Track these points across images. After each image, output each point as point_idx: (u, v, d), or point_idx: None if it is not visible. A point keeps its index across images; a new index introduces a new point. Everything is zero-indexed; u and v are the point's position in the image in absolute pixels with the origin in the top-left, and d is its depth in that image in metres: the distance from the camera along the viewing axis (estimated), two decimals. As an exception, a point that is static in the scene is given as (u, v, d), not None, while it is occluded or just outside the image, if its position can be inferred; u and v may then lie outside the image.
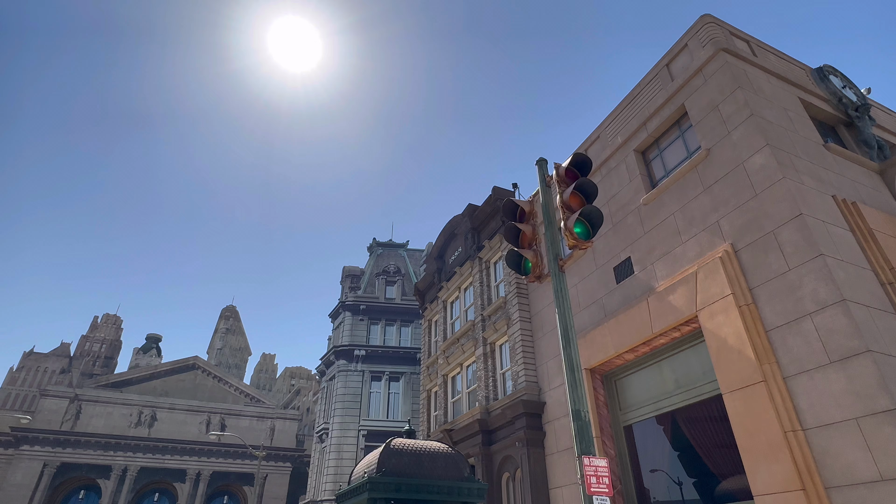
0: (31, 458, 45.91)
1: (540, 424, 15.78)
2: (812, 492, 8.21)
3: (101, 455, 48.20)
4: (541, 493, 14.71)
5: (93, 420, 49.44)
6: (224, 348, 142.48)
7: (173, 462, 50.36)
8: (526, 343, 17.29)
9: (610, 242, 14.74)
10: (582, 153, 6.90)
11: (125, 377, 56.10)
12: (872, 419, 7.83)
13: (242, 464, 51.98)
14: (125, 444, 49.12)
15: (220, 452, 51.91)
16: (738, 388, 9.67)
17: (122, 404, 51.29)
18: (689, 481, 11.56)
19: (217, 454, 51.88)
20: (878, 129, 14.45)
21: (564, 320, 6.01)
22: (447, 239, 25.23)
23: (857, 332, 8.31)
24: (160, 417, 51.90)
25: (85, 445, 47.99)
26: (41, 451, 46.44)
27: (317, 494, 34.82)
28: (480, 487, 10.81)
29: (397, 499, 10.12)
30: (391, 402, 37.09)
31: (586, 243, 6.18)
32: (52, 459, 46.39)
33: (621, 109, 15.98)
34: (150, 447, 49.91)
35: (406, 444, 11.00)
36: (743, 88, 11.76)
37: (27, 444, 46.25)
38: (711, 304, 10.60)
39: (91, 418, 49.49)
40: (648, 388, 12.77)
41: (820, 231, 9.56)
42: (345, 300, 40.54)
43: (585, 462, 5.15)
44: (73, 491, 48.33)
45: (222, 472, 51.91)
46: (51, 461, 46.32)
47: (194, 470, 50.73)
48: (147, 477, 49.65)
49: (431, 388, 23.93)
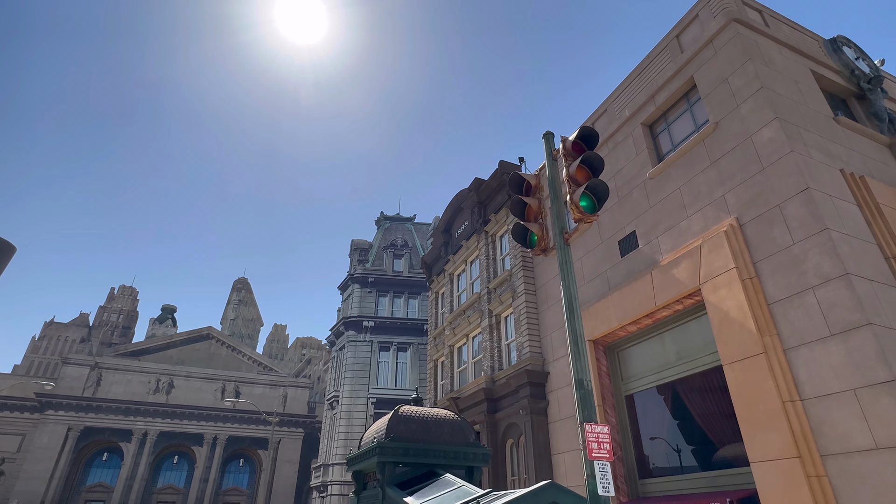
0: (56, 422, 47.38)
1: (543, 393, 16.01)
2: (808, 459, 8.33)
3: (122, 420, 49.64)
4: (543, 459, 15.02)
5: (113, 387, 50.74)
6: (237, 319, 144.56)
7: (191, 427, 51.79)
8: (531, 315, 17.40)
9: (615, 216, 14.63)
10: (589, 126, 6.78)
11: (143, 346, 57.25)
12: (870, 390, 7.87)
13: (256, 429, 53.37)
14: (145, 410, 50.49)
15: (235, 418, 53.28)
16: (739, 359, 9.72)
17: (140, 372, 52.51)
18: (688, 449, 11.74)
19: (232, 420, 53.25)
20: (891, 101, 14.07)
21: (569, 292, 6.02)
22: (454, 213, 25.14)
23: (859, 305, 8.27)
24: (177, 385, 53.16)
25: (106, 411, 49.39)
26: (65, 415, 47.87)
27: (328, 458, 35.80)
28: (485, 452, 11.05)
29: (405, 462, 10.39)
30: (399, 371, 37.69)
31: (592, 217, 6.13)
32: (75, 424, 47.85)
33: (629, 82, 15.63)
34: (168, 413, 51.27)
35: (413, 411, 11.22)
36: (753, 60, 11.43)
37: (52, 410, 47.68)
38: (715, 278, 10.57)
39: (111, 385, 50.79)
40: (650, 358, 12.86)
41: (826, 205, 9.42)
42: (353, 273, 40.79)
43: (587, 429, 5.24)
44: (96, 453, 49.99)
45: (238, 436, 53.38)
46: (75, 425, 47.79)
47: (211, 435, 52.19)
48: (166, 441, 51.20)
49: (438, 358, 24.25)
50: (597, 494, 5.01)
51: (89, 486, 48.63)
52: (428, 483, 9.89)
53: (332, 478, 34.05)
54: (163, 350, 57.23)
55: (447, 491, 8.97)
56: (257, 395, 54.68)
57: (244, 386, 55.19)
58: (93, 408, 48.94)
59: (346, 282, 41.78)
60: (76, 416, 48.15)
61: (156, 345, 57.74)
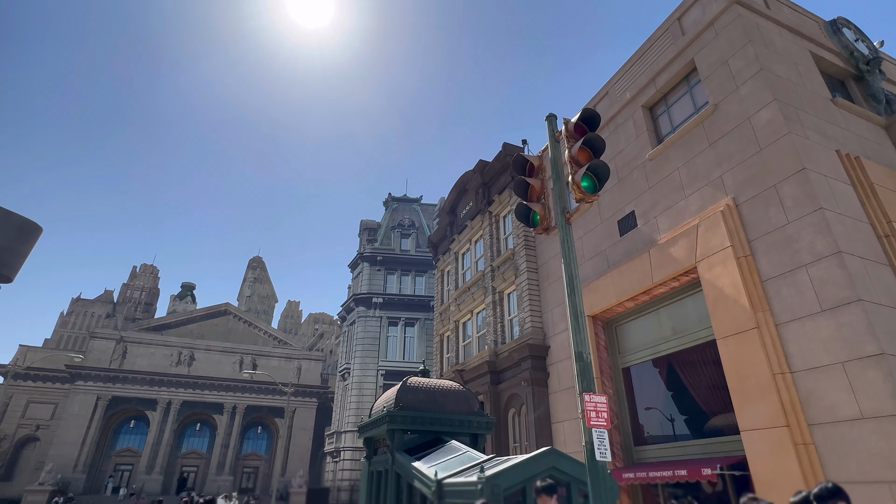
0: (86, 392, 48.47)
1: (544, 366, 16.16)
2: (795, 428, 8.41)
3: (147, 390, 50.71)
4: (544, 427, 15.24)
5: (138, 359, 51.69)
6: (252, 296, 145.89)
7: (212, 397, 52.86)
8: (532, 292, 17.44)
9: (615, 197, 14.52)
10: (591, 109, 6.67)
11: (164, 321, 58.09)
12: (858, 363, 7.89)
13: (273, 399, 54.38)
14: (168, 381, 51.50)
15: (252, 389, 54.27)
16: (732, 333, 9.74)
17: (163, 345, 53.38)
18: (681, 418, 11.87)
19: (250, 390, 54.26)
20: (888, 83, 13.72)
21: (570, 270, 6.02)
22: (459, 194, 25.02)
23: (850, 282, 8.23)
24: (198, 357, 54.07)
25: (132, 381, 50.43)
26: (94, 386, 48.94)
27: (340, 426, 36.50)
28: (489, 421, 11.22)
29: (413, 430, 10.57)
30: (407, 345, 38.09)
31: (592, 197, 6.08)
32: (104, 393, 48.94)
33: (631, 65, 15.32)
34: (190, 383, 52.29)
35: (421, 382, 11.37)
36: (754, 42, 11.15)
37: (81, 380, 48.72)
38: (710, 256, 10.52)
39: (136, 358, 51.74)
40: (646, 333, 12.91)
41: (821, 185, 9.30)
42: (363, 252, 40.91)
43: (586, 398, 5.29)
44: (124, 421, 51.25)
45: (255, 405, 54.46)
46: (103, 395, 48.88)
47: (230, 404, 53.27)
48: (189, 409, 52.33)
49: (444, 332, 24.45)
50: (594, 460, 5.10)
51: (118, 450, 50.01)
52: (435, 449, 10.07)
53: (345, 444, 34.78)
54: (183, 325, 58.06)
55: (453, 456, 9.14)
56: (273, 367, 55.57)
57: (260, 359, 56.07)
58: (119, 379, 49.98)
59: (356, 260, 41.94)
60: (104, 387, 49.21)
61: (177, 320, 58.56)
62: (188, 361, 53.36)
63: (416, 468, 8.87)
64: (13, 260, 4.88)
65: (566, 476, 7.23)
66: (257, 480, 53.73)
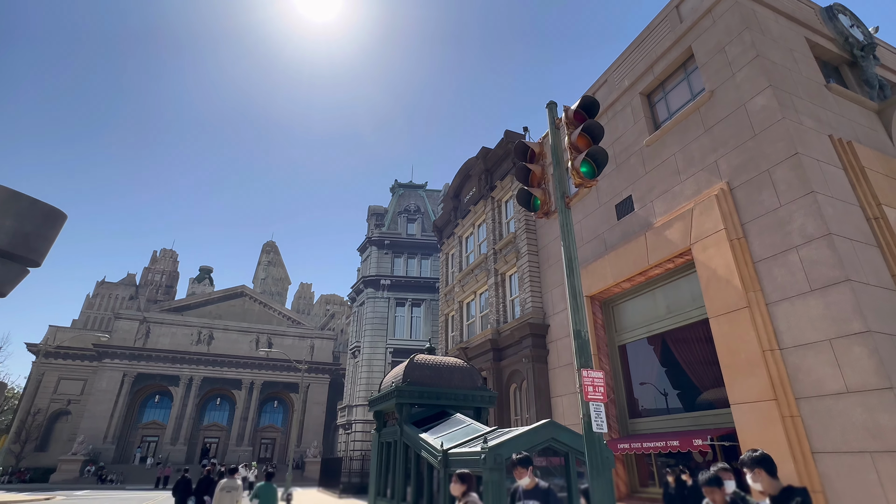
0: (113, 369, 49.32)
1: (544, 343, 16.26)
2: (783, 401, 8.46)
3: (169, 367, 51.54)
4: (543, 401, 15.41)
5: (160, 339, 52.41)
6: (267, 278, 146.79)
7: (230, 373, 53.68)
8: (533, 273, 17.46)
9: (613, 182, 14.40)
10: (590, 96, 6.58)
11: (184, 303, 58.67)
12: (845, 340, 7.89)
13: (288, 375, 55.16)
14: (189, 359, 52.29)
15: (268, 366, 55.03)
16: (724, 312, 9.74)
17: (183, 325, 54.05)
18: (674, 393, 11.95)
19: (266, 367, 55.02)
20: (882, 68, 13.42)
21: (569, 252, 6.01)
22: (462, 180, 24.89)
23: (840, 263, 8.18)
24: (216, 337, 54.76)
25: (156, 359, 51.23)
26: (120, 363, 49.77)
27: (352, 400, 37.04)
28: (491, 395, 11.35)
29: (420, 404, 10.72)
30: (413, 324, 38.36)
31: (591, 182, 6.04)
32: (129, 370, 49.79)
33: (629, 52, 15.03)
34: (210, 361, 53.08)
35: (427, 359, 11.47)
36: (750, 29, 10.90)
37: (108, 358, 49.53)
38: (704, 239, 10.46)
39: (159, 337, 52.46)
40: (642, 312, 12.93)
41: (813, 169, 9.17)
42: (371, 236, 40.95)
43: (584, 374, 5.33)
44: (149, 395, 52.23)
45: (272, 381, 55.28)
46: (129, 371, 49.74)
47: (248, 380, 54.09)
48: (209, 385, 53.21)
49: (449, 312, 24.58)
50: (591, 431, 5.16)
51: (144, 423, 51.08)
52: (440, 421, 10.22)
53: (356, 417, 35.34)
54: (202, 306, 58.66)
55: (458, 428, 9.28)
56: (287, 345, 56.22)
57: (275, 338, 56.71)
58: (143, 357, 50.78)
59: (364, 244, 42.02)
60: (129, 364, 50.04)
61: (196, 301, 59.15)
62: (207, 340, 54.07)
63: (423, 439, 9.02)
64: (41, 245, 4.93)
65: (565, 447, 7.33)
66: (274, 450, 54.85)
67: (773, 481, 3.89)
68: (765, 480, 3.89)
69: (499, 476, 6.71)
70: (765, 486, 3.89)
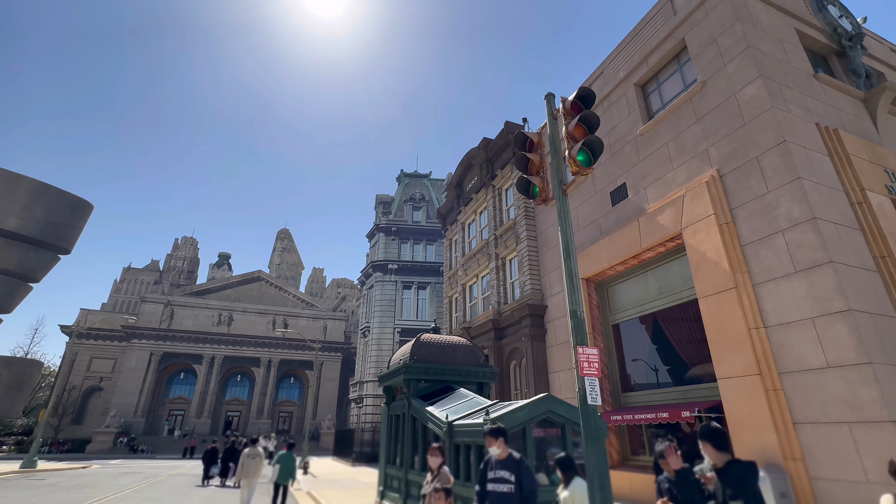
0: (140, 348, 50.01)
1: (542, 323, 16.33)
2: (767, 376, 8.50)
3: (193, 346, 52.18)
4: (541, 377, 15.54)
5: (184, 320, 52.97)
6: (282, 264, 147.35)
7: (249, 352, 54.31)
8: (532, 257, 17.45)
9: (608, 170, 14.27)
10: (586, 87, 6.48)
11: (205, 287, 59.12)
12: (827, 318, 7.88)
13: (303, 354, 55.75)
14: (211, 339, 52.90)
15: (285, 345, 55.61)
16: (713, 293, 9.73)
17: (205, 308, 54.55)
18: (664, 368, 12.02)
19: (283, 346, 55.61)
20: (869, 58, 13.12)
21: (566, 237, 5.99)
22: (465, 169, 24.73)
23: (823, 245, 8.12)
24: (236, 318, 55.27)
25: (180, 339, 51.85)
26: (147, 343, 50.43)
27: (363, 377, 37.49)
28: (493, 371, 11.46)
29: (426, 379, 10.84)
30: (419, 306, 38.56)
31: (587, 170, 5.98)
32: (156, 350, 50.47)
33: (625, 45, 14.75)
34: (230, 341, 53.68)
35: (433, 338, 11.57)
36: (742, 21, 10.65)
37: (136, 339, 50.19)
38: (695, 223, 10.39)
39: (182, 319, 53.02)
40: (635, 293, 12.93)
41: (800, 157, 9.05)
42: (379, 223, 40.94)
43: (580, 351, 5.36)
44: (175, 373, 53.02)
45: (288, 359, 55.93)
46: (155, 351, 50.42)
47: (266, 358, 54.75)
48: (230, 363, 53.91)
49: (452, 294, 24.68)
50: (586, 404, 5.21)
51: (171, 398, 51.95)
52: (445, 395, 10.34)
53: (367, 392, 35.80)
54: (222, 290, 59.10)
55: (462, 401, 9.39)
56: (302, 326, 56.73)
57: (291, 319, 57.19)
58: (168, 337, 51.40)
59: (372, 231, 42.03)
60: (156, 344, 50.70)
61: (216, 286, 59.58)
62: (227, 322, 54.62)
63: (429, 412, 9.14)
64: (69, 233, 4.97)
65: (561, 418, 7.42)
66: (292, 423, 55.77)
67: (719, 454, 3.89)
68: (711, 452, 3.91)
69: (500, 445, 6.79)
70: (711, 457, 3.92)
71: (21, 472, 21.51)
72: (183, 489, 16.41)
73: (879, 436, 6.96)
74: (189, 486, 17.22)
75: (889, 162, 10.29)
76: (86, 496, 14.14)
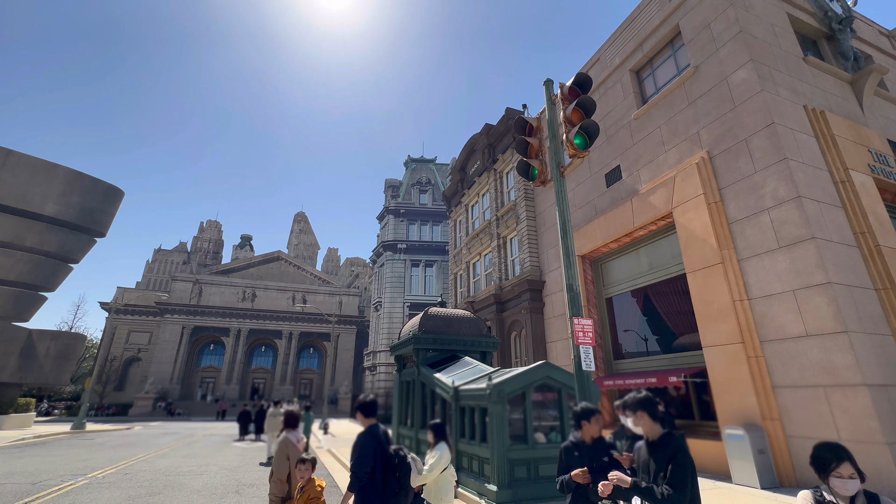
0: (173, 323, 50.95)
1: (540, 297, 16.39)
2: (749, 344, 8.53)
3: (220, 321, 53.06)
4: (540, 346, 15.70)
5: (211, 297, 53.72)
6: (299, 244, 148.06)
7: (272, 325, 55.18)
8: (531, 236, 17.39)
9: (603, 153, 14.04)
10: (584, 73, 6.32)
11: (230, 267, 59.70)
12: (807, 291, 7.84)
13: (321, 327, 56.58)
14: (236, 314, 53.72)
15: (304, 319, 56.39)
16: (700, 268, 9.68)
17: (230, 286, 55.21)
18: (653, 338, 12.09)
19: (302, 320, 56.40)
20: (858, 40, 12.62)
21: (563, 217, 5.95)
22: (468, 154, 24.44)
23: (806, 222, 8.02)
24: (258, 295, 55.95)
25: (209, 314, 52.71)
26: (179, 318, 51.34)
27: (376, 347, 38.09)
28: (495, 341, 11.59)
29: (434, 349, 11.00)
30: (427, 282, 38.78)
31: (584, 153, 5.90)
32: (187, 324, 51.40)
33: (621, 31, 14.28)
34: (254, 315, 54.50)
35: (439, 312, 11.67)
36: (735, 6, 10.24)
37: (169, 314, 51.08)
38: (685, 203, 10.27)
39: (210, 296, 53.75)
40: (627, 269, 12.91)
41: (787, 138, 8.84)
42: (388, 206, 40.81)
43: (575, 322, 5.40)
44: (205, 345, 54.12)
45: (307, 332, 56.81)
46: (187, 325, 51.36)
47: (287, 331, 55.63)
48: (255, 335, 54.88)
49: (457, 271, 24.76)
50: (581, 370, 5.27)
51: (202, 367, 53.22)
52: (451, 363, 10.50)
53: (379, 361, 36.44)
54: (245, 269, 59.66)
55: (466, 368, 9.54)
56: (319, 301, 57.38)
57: (309, 295, 57.82)
58: (198, 312, 52.25)
59: (382, 213, 41.96)
60: (187, 319, 51.61)
61: (239, 265, 60.14)
62: (251, 298, 55.33)
63: (437, 378, 9.31)
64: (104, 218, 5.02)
65: (558, 383, 7.53)
66: (312, 389, 57.08)
67: (654, 425, 2.96)
68: (646, 423, 2.97)
69: (501, 408, 6.94)
70: (646, 429, 2.98)
71: (72, 433, 22.32)
72: (217, 446, 16.99)
73: (852, 398, 7.01)
74: (222, 444, 17.81)
75: (873, 142, 10.03)
76: (131, 453, 14.69)
